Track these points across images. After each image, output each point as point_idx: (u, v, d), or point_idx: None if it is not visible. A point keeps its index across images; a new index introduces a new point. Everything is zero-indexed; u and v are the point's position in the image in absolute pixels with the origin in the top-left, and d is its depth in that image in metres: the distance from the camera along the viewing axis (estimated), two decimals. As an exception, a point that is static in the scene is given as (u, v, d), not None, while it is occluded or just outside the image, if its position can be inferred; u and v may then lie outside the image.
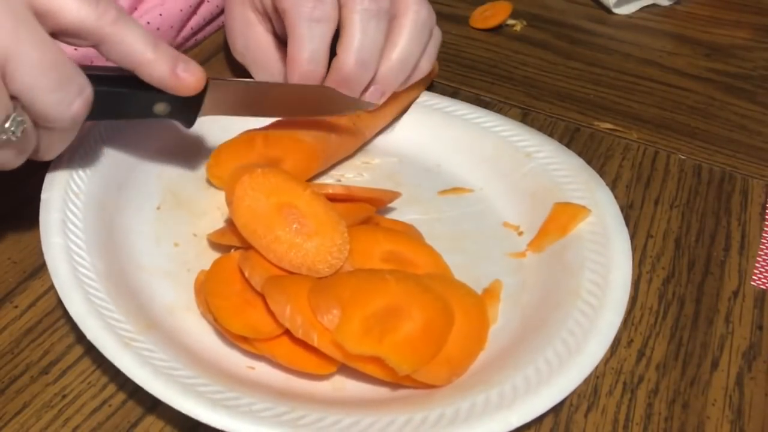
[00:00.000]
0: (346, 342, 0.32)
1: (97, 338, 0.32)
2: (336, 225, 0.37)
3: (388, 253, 0.38)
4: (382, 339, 0.32)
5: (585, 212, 0.40)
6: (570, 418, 0.34)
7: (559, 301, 0.36)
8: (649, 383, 0.36)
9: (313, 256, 0.36)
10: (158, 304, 0.36)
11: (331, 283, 0.35)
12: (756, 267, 0.42)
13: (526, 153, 0.44)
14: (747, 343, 0.38)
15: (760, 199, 0.47)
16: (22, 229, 0.41)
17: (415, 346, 0.33)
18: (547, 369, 0.32)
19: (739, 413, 0.35)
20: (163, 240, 0.40)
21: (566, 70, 0.58)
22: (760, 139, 0.52)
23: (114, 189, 0.41)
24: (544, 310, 0.36)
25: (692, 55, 0.61)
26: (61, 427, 0.33)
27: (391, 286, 0.34)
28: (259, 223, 0.36)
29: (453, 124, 0.47)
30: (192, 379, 0.31)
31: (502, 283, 0.39)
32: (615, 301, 0.35)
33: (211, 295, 0.35)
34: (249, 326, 0.33)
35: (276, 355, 0.33)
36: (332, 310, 0.33)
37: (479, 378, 0.33)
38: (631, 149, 0.50)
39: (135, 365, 0.31)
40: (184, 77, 0.36)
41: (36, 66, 0.31)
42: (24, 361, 0.35)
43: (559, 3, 0.67)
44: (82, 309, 0.33)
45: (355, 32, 0.41)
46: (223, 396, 0.31)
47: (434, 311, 0.34)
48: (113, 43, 0.34)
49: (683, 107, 0.55)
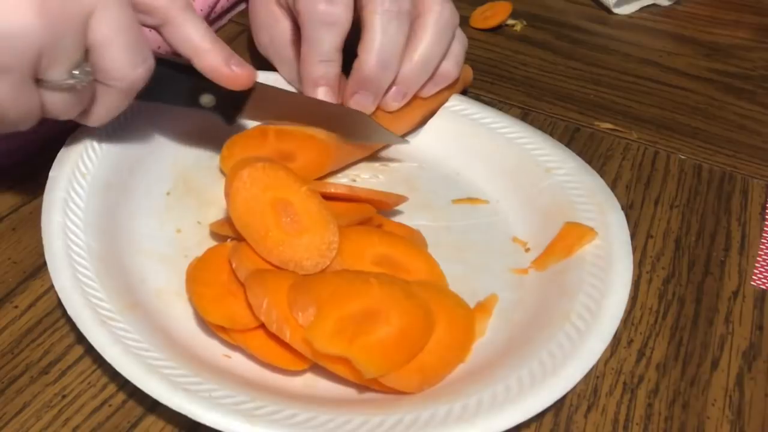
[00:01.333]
0: (315, 340, 0.32)
1: (76, 314, 0.33)
2: (327, 224, 0.37)
3: (381, 256, 0.38)
4: (353, 340, 0.32)
5: (591, 234, 0.39)
6: (570, 418, 0.34)
7: (548, 322, 0.35)
8: (649, 383, 0.36)
9: (301, 253, 0.36)
10: (148, 286, 0.37)
11: (314, 281, 0.35)
12: (756, 267, 0.42)
13: (546, 168, 0.44)
14: (747, 343, 0.38)
15: (760, 199, 0.47)
16: (22, 229, 0.41)
17: (386, 350, 0.33)
18: (518, 388, 0.32)
19: (739, 413, 0.35)
20: (166, 225, 0.41)
21: (566, 70, 0.58)
22: (760, 139, 0.52)
23: (125, 171, 0.41)
24: (533, 329, 0.36)
25: (692, 55, 0.61)
26: (61, 427, 0.33)
27: (373, 290, 0.34)
28: (253, 216, 0.36)
29: (477, 132, 0.47)
30: (159, 361, 0.32)
31: (497, 297, 0.38)
32: (602, 328, 0.34)
33: (195, 282, 0.35)
34: (226, 316, 0.34)
35: (250, 347, 0.34)
36: (308, 308, 0.33)
37: (449, 389, 0.33)
38: (631, 149, 0.50)
39: (108, 342, 0.32)
40: (236, 70, 0.38)
41: (118, 22, 0.34)
42: (24, 361, 0.35)
43: (559, 3, 0.67)
44: (67, 284, 0.34)
45: (375, 33, 0.42)
46: (186, 380, 0.31)
47: (413, 318, 0.34)
48: (177, 26, 0.37)
49: (683, 107, 0.55)
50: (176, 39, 0.38)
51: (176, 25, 0.37)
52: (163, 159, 0.44)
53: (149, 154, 0.43)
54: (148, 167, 0.43)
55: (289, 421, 0.30)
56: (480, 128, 0.47)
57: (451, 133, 0.47)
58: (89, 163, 0.40)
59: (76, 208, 0.37)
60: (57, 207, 0.37)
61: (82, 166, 0.39)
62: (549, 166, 0.44)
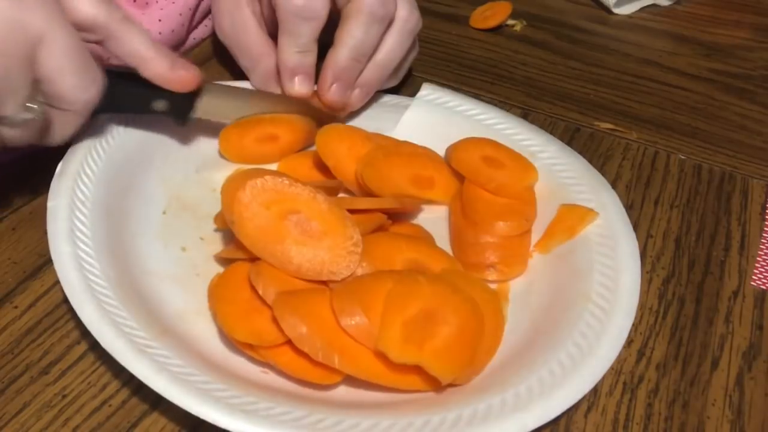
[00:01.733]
0: (388, 351, 0.31)
1: (112, 346, 0.32)
2: (343, 220, 0.36)
3: (410, 260, 0.37)
4: (422, 346, 0.32)
5: (593, 215, 0.40)
6: (570, 418, 0.34)
7: (569, 304, 0.36)
8: (649, 383, 0.36)
9: (330, 259, 0.35)
10: (169, 309, 0.36)
11: (356, 286, 0.34)
12: (756, 267, 0.42)
13: (530, 153, 0.44)
14: (747, 343, 0.38)
15: (760, 199, 0.47)
16: (22, 229, 0.41)
17: (453, 351, 0.33)
18: (561, 371, 0.32)
19: (739, 413, 0.35)
20: (170, 245, 0.40)
21: (566, 70, 0.58)
22: (760, 139, 0.52)
23: (120, 195, 0.40)
24: (555, 312, 0.36)
25: (692, 55, 0.61)
26: (61, 427, 0.33)
27: (425, 289, 0.34)
28: (267, 237, 0.35)
29: (455, 120, 0.47)
30: (208, 384, 0.31)
31: (509, 283, 0.39)
32: (625, 304, 0.35)
33: (219, 301, 0.34)
34: (254, 333, 0.33)
35: (279, 363, 0.33)
36: (356, 315, 0.32)
37: (494, 379, 0.33)
38: (631, 149, 0.50)
39: (152, 372, 0.31)
40: (182, 74, 0.40)
41: (66, 49, 0.34)
42: (24, 361, 0.35)
43: (559, 3, 0.67)
44: (95, 316, 0.33)
45: (358, 31, 0.43)
46: (240, 401, 0.30)
47: (467, 314, 0.34)
48: (119, 39, 0.38)
49: (683, 107, 0.55)
50: (120, 52, 0.38)
51: (118, 38, 0.38)
52: (152, 179, 0.43)
53: (138, 176, 0.42)
54: (140, 189, 0.42)
55: (355, 429, 0.30)
56: (456, 116, 0.47)
57: (428, 124, 0.47)
58: (86, 190, 0.39)
59: (83, 236, 0.36)
60: (64, 237, 0.36)
61: (80, 193, 0.38)
62: (533, 150, 0.44)
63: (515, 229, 0.40)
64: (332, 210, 0.36)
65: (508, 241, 0.40)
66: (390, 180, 0.42)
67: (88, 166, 0.40)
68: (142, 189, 0.42)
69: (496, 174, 0.42)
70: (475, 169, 0.42)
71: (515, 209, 0.41)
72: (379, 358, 0.32)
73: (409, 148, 0.45)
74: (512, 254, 0.40)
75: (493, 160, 0.43)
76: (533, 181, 0.43)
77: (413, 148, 0.45)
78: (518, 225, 0.40)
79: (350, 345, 0.33)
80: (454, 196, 0.43)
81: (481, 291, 0.36)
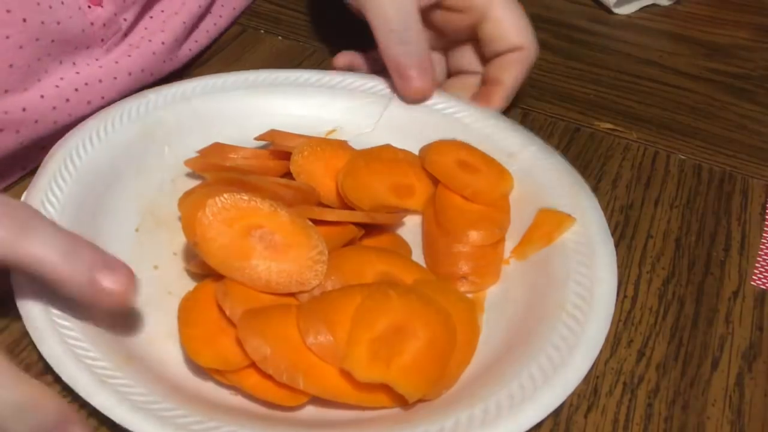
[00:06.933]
0: (354, 369, 0.31)
1: (72, 379, 0.31)
2: (306, 230, 0.35)
3: (382, 273, 0.37)
4: (389, 364, 0.31)
5: (570, 221, 0.39)
6: (570, 418, 0.34)
7: (543, 314, 0.35)
8: (649, 383, 0.36)
9: (296, 271, 0.35)
10: (138, 334, 0.35)
11: (322, 303, 0.34)
12: (756, 267, 0.42)
13: (508, 153, 0.43)
14: (747, 344, 0.38)
15: (760, 199, 0.47)
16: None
17: (421, 368, 0.32)
18: (531, 385, 0.32)
19: (739, 413, 0.35)
20: (142, 264, 0.38)
21: (566, 70, 0.58)
22: (760, 139, 0.52)
23: (89, 216, 0.39)
24: (529, 322, 0.35)
25: (692, 55, 0.61)
26: (61, 427, 0.33)
27: (394, 302, 0.33)
28: (233, 255, 0.34)
29: (431, 119, 0.46)
30: (171, 411, 0.30)
31: (485, 292, 0.38)
32: (600, 316, 0.34)
33: (184, 324, 0.33)
34: (219, 357, 0.32)
35: (245, 386, 0.32)
36: (321, 333, 0.32)
37: (464, 393, 0.33)
38: (631, 149, 0.50)
39: (113, 402, 0.30)
40: (106, 286, 0.31)
41: None
42: (24, 361, 0.35)
43: (559, 3, 0.67)
44: (56, 350, 0.32)
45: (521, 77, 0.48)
46: (202, 426, 0.30)
47: (438, 326, 0.33)
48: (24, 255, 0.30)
49: (683, 107, 0.55)
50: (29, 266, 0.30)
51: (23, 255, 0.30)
52: (124, 196, 0.41)
53: (109, 195, 0.41)
54: (110, 208, 0.40)
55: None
56: (433, 114, 0.46)
57: (404, 121, 0.46)
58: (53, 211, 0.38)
59: None
60: None
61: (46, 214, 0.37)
62: (511, 151, 0.43)
63: (488, 238, 0.39)
64: (294, 221, 0.36)
65: (480, 250, 0.39)
66: (370, 190, 0.41)
67: (56, 187, 0.39)
68: (113, 207, 0.41)
69: (471, 180, 0.41)
70: (450, 174, 0.41)
71: (489, 217, 0.40)
72: (345, 377, 0.32)
73: (389, 154, 0.43)
74: (485, 264, 0.39)
75: (468, 164, 0.42)
76: (509, 189, 0.42)
77: (393, 153, 0.44)
78: (491, 234, 0.39)
79: (316, 364, 0.32)
80: (427, 202, 0.42)
81: (455, 301, 0.36)
